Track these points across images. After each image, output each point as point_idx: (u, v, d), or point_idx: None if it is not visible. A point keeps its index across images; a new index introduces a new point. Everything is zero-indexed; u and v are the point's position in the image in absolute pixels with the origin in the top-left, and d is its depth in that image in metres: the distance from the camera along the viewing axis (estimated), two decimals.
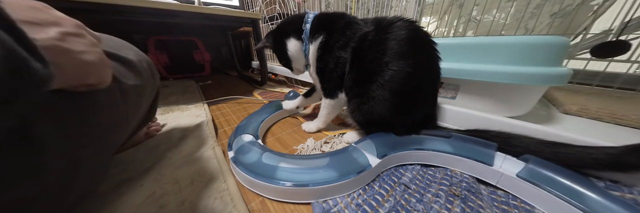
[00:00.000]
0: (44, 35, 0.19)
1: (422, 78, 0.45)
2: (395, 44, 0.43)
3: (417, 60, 0.43)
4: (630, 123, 0.48)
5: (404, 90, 0.44)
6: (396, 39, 0.43)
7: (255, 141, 0.47)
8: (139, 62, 0.38)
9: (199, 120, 0.70)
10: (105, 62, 0.26)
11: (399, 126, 0.47)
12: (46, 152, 0.21)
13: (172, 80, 1.51)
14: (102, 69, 0.26)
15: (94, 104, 0.26)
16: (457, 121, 0.57)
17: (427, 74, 0.46)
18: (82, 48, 0.22)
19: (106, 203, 0.35)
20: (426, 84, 0.47)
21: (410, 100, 0.46)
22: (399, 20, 0.45)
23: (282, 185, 0.35)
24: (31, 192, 0.21)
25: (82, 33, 0.24)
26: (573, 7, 0.66)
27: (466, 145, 0.43)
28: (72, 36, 0.22)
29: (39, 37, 0.18)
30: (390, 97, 0.44)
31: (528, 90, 0.49)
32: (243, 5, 1.75)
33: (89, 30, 0.27)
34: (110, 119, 0.30)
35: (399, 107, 0.45)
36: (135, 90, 0.35)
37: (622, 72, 0.66)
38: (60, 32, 0.21)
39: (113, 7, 0.69)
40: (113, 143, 0.36)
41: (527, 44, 0.46)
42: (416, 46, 0.44)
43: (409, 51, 0.43)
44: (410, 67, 0.42)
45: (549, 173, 0.34)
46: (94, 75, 0.24)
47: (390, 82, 0.43)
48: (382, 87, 0.44)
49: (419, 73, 0.43)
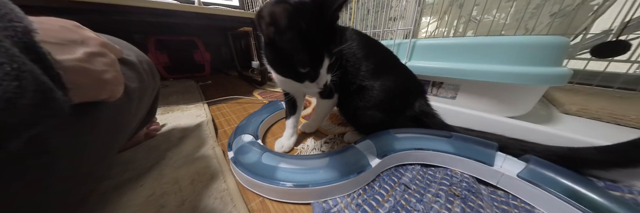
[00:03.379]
0: (70, 56, 0.20)
1: (386, 64, 0.52)
2: (356, 46, 0.49)
3: (380, 56, 0.50)
4: (630, 123, 0.48)
5: (378, 78, 0.48)
6: (358, 44, 0.49)
7: (255, 141, 0.47)
8: (140, 63, 0.38)
9: (199, 120, 0.70)
10: (119, 79, 0.27)
11: (394, 115, 0.51)
12: (56, 158, 0.22)
13: (172, 80, 1.51)
14: (117, 86, 0.27)
15: (102, 110, 0.27)
16: (457, 121, 0.57)
17: (393, 67, 0.53)
18: (102, 67, 0.24)
19: (106, 203, 0.35)
20: (393, 66, 0.54)
21: (391, 91, 0.49)
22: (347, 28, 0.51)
23: (282, 186, 0.35)
24: (39, 192, 0.21)
25: (105, 52, 0.25)
26: (573, 7, 0.66)
27: (466, 145, 0.43)
28: (96, 56, 0.23)
29: (65, 58, 0.19)
30: (371, 86, 0.48)
31: (528, 90, 0.49)
32: (243, 5, 1.75)
33: (111, 45, 0.28)
34: (115, 123, 0.31)
35: (383, 99, 0.48)
36: (138, 92, 0.35)
37: (622, 72, 0.66)
38: (85, 53, 0.22)
39: (113, 7, 0.69)
40: (116, 144, 0.36)
41: (527, 44, 0.46)
42: (371, 47, 0.51)
43: (370, 52, 0.49)
44: (378, 62, 0.49)
45: (549, 174, 0.34)
46: (108, 91, 0.25)
47: (365, 76, 0.48)
48: (361, 83, 0.48)
49: (380, 61, 0.50)
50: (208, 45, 1.68)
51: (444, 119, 0.53)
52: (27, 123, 0.15)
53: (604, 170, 0.37)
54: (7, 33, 0.13)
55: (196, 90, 1.17)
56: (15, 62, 0.13)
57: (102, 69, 0.24)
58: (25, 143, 0.18)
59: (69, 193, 0.26)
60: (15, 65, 0.13)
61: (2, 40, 0.13)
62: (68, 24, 0.23)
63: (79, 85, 0.20)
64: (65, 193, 0.26)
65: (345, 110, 0.54)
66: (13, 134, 0.14)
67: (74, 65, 0.20)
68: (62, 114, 0.17)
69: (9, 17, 0.14)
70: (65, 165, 0.23)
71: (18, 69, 0.13)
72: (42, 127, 0.16)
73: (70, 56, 0.20)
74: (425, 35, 0.98)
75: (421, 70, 0.60)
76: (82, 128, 0.24)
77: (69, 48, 0.21)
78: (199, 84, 1.36)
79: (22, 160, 0.19)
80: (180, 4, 0.84)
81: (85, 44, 0.23)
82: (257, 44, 1.16)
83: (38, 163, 0.20)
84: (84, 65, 0.21)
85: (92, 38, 0.24)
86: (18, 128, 0.14)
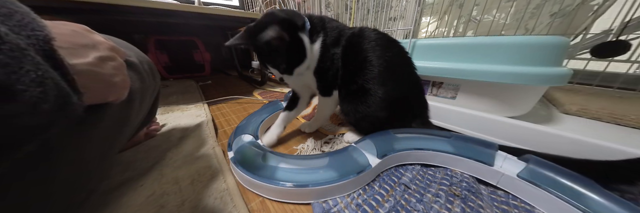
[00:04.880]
0: (82, 60, 0.21)
1: (397, 71, 0.50)
2: (367, 43, 0.48)
3: (388, 56, 0.48)
4: (630, 123, 0.48)
5: (384, 85, 0.47)
6: (368, 39, 0.48)
7: (255, 141, 0.47)
8: (141, 63, 0.38)
9: (199, 120, 0.70)
10: (126, 83, 0.28)
11: (389, 119, 0.50)
12: (57, 158, 0.22)
13: (172, 80, 1.51)
14: (124, 89, 0.27)
15: (104, 111, 0.27)
16: (457, 121, 0.57)
17: (402, 67, 0.52)
18: (111, 71, 0.24)
19: (107, 203, 0.35)
20: (405, 74, 0.52)
21: (393, 92, 0.48)
22: (365, 27, 0.52)
23: (282, 186, 0.35)
24: (39, 192, 0.21)
25: (114, 56, 0.26)
26: (573, 7, 0.66)
27: (466, 145, 0.43)
28: (106, 60, 0.24)
29: (77, 63, 0.20)
30: (375, 91, 0.47)
31: (528, 90, 0.49)
32: (243, 5, 1.75)
33: (119, 49, 0.28)
34: (116, 123, 0.31)
35: (383, 99, 0.48)
36: (139, 92, 0.35)
37: (622, 72, 0.66)
38: (96, 57, 0.22)
39: (113, 7, 0.69)
40: (118, 143, 0.36)
41: (527, 44, 0.46)
42: (385, 46, 0.49)
43: (380, 50, 0.48)
44: (386, 62, 0.47)
45: (550, 174, 0.34)
46: (115, 94, 0.26)
47: (374, 79, 0.47)
48: (365, 85, 0.47)
49: (393, 67, 0.48)
50: (208, 45, 1.68)
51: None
52: (44, 127, 0.15)
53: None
54: (30, 41, 0.14)
55: (196, 90, 1.17)
56: (39, 69, 0.13)
57: (112, 73, 0.24)
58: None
59: (69, 193, 0.27)
60: (39, 72, 0.13)
61: (27, 48, 0.13)
62: (79, 29, 0.23)
63: (89, 89, 0.20)
64: (65, 193, 0.26)
65: (346, 108, 0.53)
66: (32, 137, 0.15)
67: (86, 69, 0.21)
68: (76, 118, 0.17)
69: (31, 26, 0.15)
70: (66, 165, 0.23)
71: (42, 75, 0.13)
72: (57, 130, 0.17)
73: (83, 60, 0.21)
74: (425, 35, 0.98)
75: (421, 70, 0.59)
76: (85, 128, 0.25)
77: (80, 52, 0.21)
78: (199, 84, 1.36)
79: (24, 161, 0.19)
80: (180, 4, 0.84)
81: (96, 48, 0.23)
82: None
83: (39, 163, 0.20)
84: (95, 69, 0.22)
85: (101, 42, 0.25)
86: (36, 131, 0.15)
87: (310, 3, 1.13)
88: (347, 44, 0.49)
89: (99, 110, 0.25)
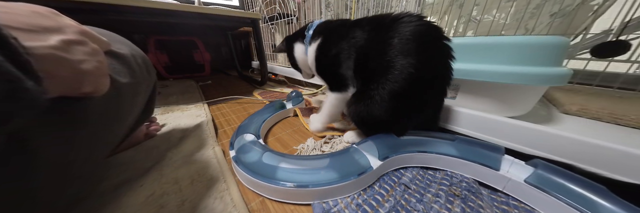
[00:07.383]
0: (42, 43, 0.18)
1: (426, 79, 0.42)
2: (398, 42, 0.41)
3: (421, 59, 0.40)
4: (630, 123, 0.48)
5: (404, 92, 0.41)
6: (399, 36, 0.41)
7: (256, 141, 0.47)
8: (133, 57, 0.36)
9: (199, 120, 0.70)
10: (102, 70, 0.25)
11: (395, 128, 0.47)
12: (38, 157, 0.20)
13: (172, 80, 1.51)
14: (99, 78, 0.25)
15: (87, 106, 0.25)
16: (457, 121, 0.57)
17: (433, 74, 0.43)
18: (80, 57, 0.22)
19: (106, 203, 0.35)
20: (431, 85, 0.44)
21: (411, 102, 0.44)
22: (405, 16, 0.43)
23: (282, 186, 0.35)
24: (18, 193, 0.20)
25: (83, 41, 0.23)
26: (573, 7, 0.66)
27: (471, 149, 0.42)
28: (73, 44, 0.21)
29: (36, 45, 0.17)
30: (388, 98, 0.42)
31: (528, 90, 0.49)
32: (243, 5, 1.75)
33: (95, 36, 0.26)
34: (104, 120, 0.30)
35: (397, 109, 0.43)
36: (130, 88, 0.33)
37: (622, 72, 0.65)
38: (61, 40, 0.20)
39: (113, 7, 0.69)
40: (107, 143, 0.35)
41: (527, 44, 0.46)
42: (422, 43, 0.41)
43: (411, 49, 0.40)
44: (412, 66, 0.40)
45: (559, 180, 0.33)
46: (90, 84, 0.23)
47: (391, 82, 0.41)
48: (382, 88, 0.42)
49: (423, 73, 0.41)
50: (208, 45, 1.68)
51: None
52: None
53: None
54: None
55: (196, 90, 1.17)
56: None
57: (81, 59, 0.22)
58: (4, 141, 0.17)
59: (54, 194, 0.25)
60: None
61: None
62: (41, 10, 0.21)
63: (54, 76, 0.19)
64: (49, 195, 0.24)
65: (350, 108, 0.50)
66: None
67: (47, 53, 0.18)
68: (38, 106, 0.15)
69: None
70: (48, 164, 0.22)
71: None
72: (19, 122, 0.15)
73: (42, 43, 0.18)
74: None
75: None
76: (66, 124, 0.23)
77: (41, 35, 0.19)
78: (199, 84, 1.36)
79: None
80: (180, 4, 0.84)
81: (61, 31, 0.21)
82: (257, 44, 1.16)
83: (16, 162, 0.19)
84: (59, 54, 0.19)
85: (70, 25, 0.22)
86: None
87: (310, 3, 1.13)
88: (359, 44, 0.47)
89: (78, 104, 0.24)
